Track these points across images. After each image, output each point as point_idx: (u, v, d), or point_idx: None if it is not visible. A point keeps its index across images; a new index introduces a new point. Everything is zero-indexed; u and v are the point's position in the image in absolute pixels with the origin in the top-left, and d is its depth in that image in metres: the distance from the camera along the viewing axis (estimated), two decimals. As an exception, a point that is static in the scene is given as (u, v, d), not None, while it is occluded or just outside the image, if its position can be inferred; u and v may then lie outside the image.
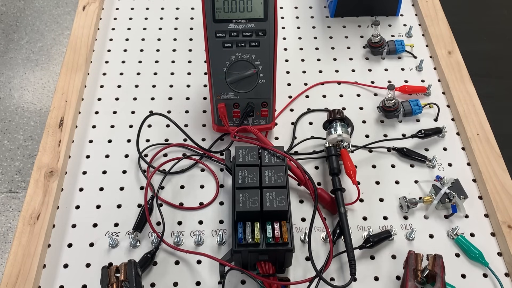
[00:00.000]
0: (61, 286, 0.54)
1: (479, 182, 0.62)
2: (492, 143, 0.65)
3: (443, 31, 0.78)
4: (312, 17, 0.82)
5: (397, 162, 0.64)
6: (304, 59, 0.76)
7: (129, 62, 0.75)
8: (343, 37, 0.79)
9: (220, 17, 0.57)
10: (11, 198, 1.37)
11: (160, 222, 0.58)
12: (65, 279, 0.54)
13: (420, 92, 0.71)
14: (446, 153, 0.65)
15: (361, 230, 0.58)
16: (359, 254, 0.56)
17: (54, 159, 0.63)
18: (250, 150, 0.55)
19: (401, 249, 0.56)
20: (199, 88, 0.72)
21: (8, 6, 1.76)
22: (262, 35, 0.58)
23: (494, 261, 0.56)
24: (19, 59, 1.63)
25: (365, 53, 0.77)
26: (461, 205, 0.59)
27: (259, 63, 0.60)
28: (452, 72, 0.73)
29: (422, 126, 0.67)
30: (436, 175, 0.62)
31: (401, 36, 0.79)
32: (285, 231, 0.49)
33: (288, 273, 0.55)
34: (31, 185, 0.60)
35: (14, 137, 1.47)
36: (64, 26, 1.71)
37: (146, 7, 0.83)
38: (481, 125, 0.67)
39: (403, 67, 0.75)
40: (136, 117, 0.68)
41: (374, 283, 0.54)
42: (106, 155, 0.65)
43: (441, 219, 0.59)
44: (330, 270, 0.55)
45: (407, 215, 0.59)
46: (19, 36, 1.68)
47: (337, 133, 0.62)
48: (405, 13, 0.82)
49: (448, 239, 0.58)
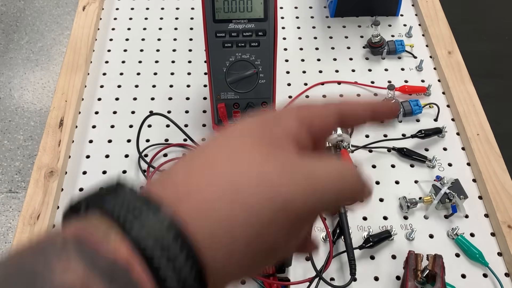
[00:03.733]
0: (61, 286, 0.53)
1: (479, 182, 0.62)
2: (492, 143, 0.65)
3: (443, 31, 0.78)
4: (312, 17, 0.82)
5: (397, 162, 0.64)
6: (304, 59, 0.76)
7: (129, 62, 0.75)
8: (343, 37, 0.79)
9: (220, 17, 0.57)
10: (11, 198, 1.37)
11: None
12: (65, 279, 0.54)
13: (420, 92, 0.71)
14: (446, 153, 0.65)
15: (361, 230, 0.58)
16: (359, 254, 0.56)
17: (54, 159, 0.63)
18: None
19: (401, 249, 0.56)
20: (199, 88, 0.72)
21: (8, 6, 1.76)
22: (262, 35, 0.58)
23: (494, 261, 0.56)
24: (19, 59, 1.63)
25: (365, 53, 0.77)
26: (461, 205, 0.59)
27: (259, 63, 0.60)
28: (452, 72, 0.73)
29: (422, 126, 0.67)
30: (436, 175, 0.62)
31: (401, 36, 0.79)
32: (285, 231, 0.49)
33: (288, 273, 0.55)
34: (31, 185, 0.60)
35: (14, 137, 1.47)
36: (64, 26, 1.71)
37: (146, 7, 0.83)
38: (481, 125, 0.67)
39: (403, 67, 0.75)
40: (136, 117, 0.68)
41: (374, 283, 0.54)
42: (106, 155, 0.65)
43: (441, 219, 0.59)
44: (330, 270, 0.55)
45: (407, 215, 0.59)
46: (19, 36, 1.68)
47: (337, 133, 0.61)
48: (405, 13, 0.82)
49: (448, 239, 0.58)
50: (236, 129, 0.24)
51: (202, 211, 0.20)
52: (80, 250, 0.18)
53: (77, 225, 0.20)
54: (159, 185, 0.22)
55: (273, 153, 0.23)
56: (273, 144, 0.24)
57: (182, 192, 0.21)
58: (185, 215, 0.20)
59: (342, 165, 0.24)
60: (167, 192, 0.21)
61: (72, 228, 0.20)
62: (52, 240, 0.19)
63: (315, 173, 0.23)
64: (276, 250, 0.22)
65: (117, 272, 0.18)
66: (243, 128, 0.24)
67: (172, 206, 0.20)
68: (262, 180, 0.21)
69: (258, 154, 0.23)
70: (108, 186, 0.21)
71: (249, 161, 0.22)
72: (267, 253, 0.22)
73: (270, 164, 0.22)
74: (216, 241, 0.20)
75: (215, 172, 0.22)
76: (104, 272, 0.18)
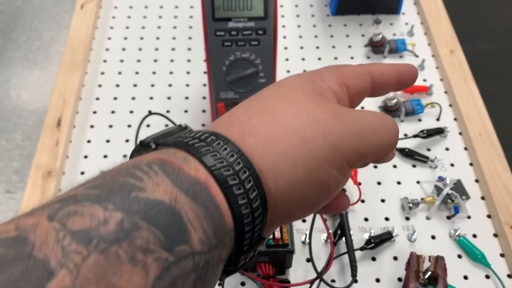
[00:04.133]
0: None
1: (481, 183, 0.62)
2: (494, 143, 0.64)
3: (445, 29, 0.78)
4: (313, 16, 0.82)
5: (399, 162, 0.64)
6: (305, 58, 0.75)
7: (127, 61, 0.75)
8: (344, 36, 0.79)
9: (220, 16, 0.57)
10: (8, 199, 1.36)
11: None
12: (63, 281, 0.53)
13: (422, 91, 0.70)
14: (448, 153, 0.65)
15: (362, 231, 0.57)
16: (360, 256, 0.55)
17: (52, 160, 0.62)
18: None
19: (403, 250, 0.56)
20: (199, 87, 0.72)
21: (6, 5, 1.75)
22: (262, 33, 0.58)
23: (497, 262, 0.55)
24: (17, 59, 1.62)
25: (366, 52, 0.76)
26: (463, 206, 0.58)
27: (259, 62, 0.59)
28: (455, 71, 0.72)
29: (424, 126, 0.66)
30: (438, 176, 0.61)
31: (403, 35, 0.78)
32: (285, 232, 0.48)
33: (289, 275, 0.54)
34: (29, 185, 0.60)
35: (12, 137, 1.47)
36: (62, 25, 1.70)
37: (144, 6, 0.82)
38: (483, 125, 0.66)
39: (404, 66, 0.74)
40: (134, 117, 0.68)
41: (376, 285, 0.54)
42: (104, 155, 0.64)
43: (443, 220, 0.59)
44: (331, 272, 0.54)
45: (408, 216, 0.59)
46: (17, 35, 1.68)
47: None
48: (407, 12, 0.82)
49: (450, 240, 0.57)
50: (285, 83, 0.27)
51: (266, 146, 0.23)
52: (165, 170, 0.21)
53: (155, 154, 0.22)
54: (225, 124, 0.24)
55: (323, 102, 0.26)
56: (322, 95, 0.26)
57: (247, 130, 0.24)
58: (250, 148, 0.23)
59: (383, 115, 0.28)
60: (233, 131, 0.24)
61: (151, 156, 0.22)
62: (136, 164, 0.21)
63: (361, 120, 0.26)
64: (330, 188, 0.25)
65: (198, 190, 0.21)
66: (291, 82, 0.27)
67: (239, 141, 0.23)
68: (317, 124, 0.24)
69: (310, 102, 0.25)
70: (173, 129, 0.25)
71: (303, 107, 0.25)
72: (322, 190, 0.25)
73: (322, 110, 0.25)
74: (278, 171, 0.23)
75: (275, 115, 0.24)
76: (188, 189, 0.21)
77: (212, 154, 0.22)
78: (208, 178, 0.21)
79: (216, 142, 0.22)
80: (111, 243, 0.18)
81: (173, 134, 0.25)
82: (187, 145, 0.22)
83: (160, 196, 0.20)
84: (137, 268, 0.18)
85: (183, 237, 0.20)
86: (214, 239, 0.21)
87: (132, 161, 0.22)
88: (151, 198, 0.19)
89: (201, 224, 0.20)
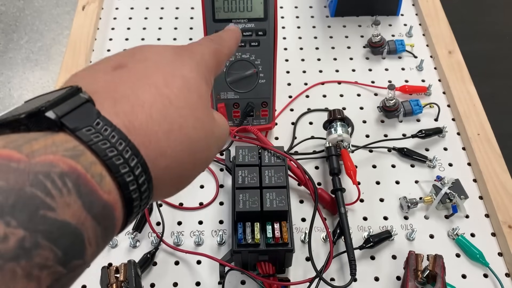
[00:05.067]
0: (60, 286, 0.53)
1: (479, 182, 0.62)
2: (492, 143, 0.65)
3: (444, 30, 0.78)
4: (312, 17, 0.82)
5: (397, 162, 0.64)
6: (304, 59, 0.76)
7: (128, 62, 0.75)
8: (343, 37, 0.79)
9: (220, 17, 0.57)
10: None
11: (159, 222, 0.58)
12: (65, 280, 0.54)
13: (421, 92, 0.71)
14: (446, 153, 0.65)
15: (362, 230, 0.58)
16: (359, 254, 0.56)
17: (53, 159, 0.62)
18: (250, 150, 0.54)
19: (402, 249, 0.56)
20: (199, 88, 0.72)
21: (7, 5, 1.76)
22: (262, 34, 0.58)
23: (495, 261, 0.56)
24: (19, 59, 1.63)
25: (365, 53, 0.77)
26: (461, 205, 0.59)
27: (259, 63, 0.60)
28: (453, 72, 0.72)
29: (423, 126, 0.67)
30: (436, 175, 0.61)
31: (402, 36, 0.79)
32: (285, 231, 0.49)
33: (288, 274, 0.54)
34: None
35: (14, 137, 1.47)
36: (64, 26, 1.70)
37: (146, 7, 0.83)
38: (481, 125, 0.66)
39: (403, 67, 0.75)
40: (135, 117, 0.68)
41: (375, 284, 0.54)
42: (105, 155, 0.64)
43: (441, 219, 0.59)
44: (330, 271, 0.55)
45: (407, 215, 0.59)
46: (18, 35, 1.68)
47: (337, 133, 0.61)
48: (406, 13, 0.82)
49: (449, 239, 0.57)
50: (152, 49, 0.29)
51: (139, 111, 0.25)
52: (79, 191, 0.21)
53: (68, 161, 0.21)
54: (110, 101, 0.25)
55: (185, 58, 0.29)
56: (186, 55, 0.29)
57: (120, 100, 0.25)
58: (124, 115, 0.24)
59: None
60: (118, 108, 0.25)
61: (62, 162, 0.21)
62: (47, 171, 0.20)
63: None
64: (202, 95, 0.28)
65: (106, 215, 0.22)
66: (158, 48, 0.30)
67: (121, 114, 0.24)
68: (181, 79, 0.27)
69: (179, 62, 0.28)
70: (66, 93, 0.25)
71: (172, 68, 0.27)
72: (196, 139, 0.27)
73: (186, 66, 0.28)
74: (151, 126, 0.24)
75: (148, 82, 0.26)
76: (97, 214, 0.21)
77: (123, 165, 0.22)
78: (117, 201, 0.22)
79: (125, 151, 0.23)
80: (8, 260, 0.18)
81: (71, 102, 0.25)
82: (103, 152, 0.22)
83: (68, 218, 0.20)
84: (32, 283, 0.18)
85: (80, 254, 0.20)
86: (105, 243, 0.23)
87: (41, 161, 0.20)
88: (59, 219, 0.19)
89: (97, 241, 0.21)
